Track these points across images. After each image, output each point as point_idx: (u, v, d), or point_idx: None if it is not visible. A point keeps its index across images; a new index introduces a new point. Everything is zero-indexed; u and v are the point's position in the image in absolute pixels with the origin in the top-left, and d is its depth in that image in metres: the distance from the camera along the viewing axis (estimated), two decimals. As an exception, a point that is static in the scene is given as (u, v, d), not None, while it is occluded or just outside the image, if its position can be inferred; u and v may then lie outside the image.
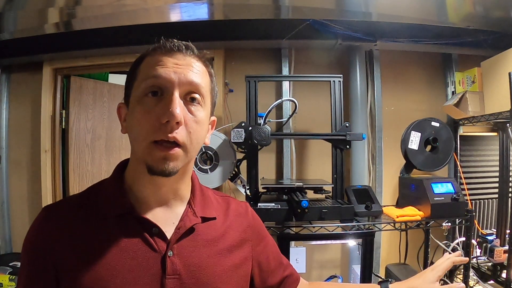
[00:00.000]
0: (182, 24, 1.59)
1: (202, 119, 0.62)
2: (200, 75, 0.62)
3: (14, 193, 2.00)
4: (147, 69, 0.61)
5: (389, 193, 1.88)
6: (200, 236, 0.66)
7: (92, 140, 2.28)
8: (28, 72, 1.99)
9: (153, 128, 0.57)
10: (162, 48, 0.61)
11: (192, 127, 0.60)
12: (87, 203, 0.62)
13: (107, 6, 1.39)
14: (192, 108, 0.61)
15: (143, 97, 0.59)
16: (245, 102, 1.37)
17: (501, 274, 1.53)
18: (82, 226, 0.59)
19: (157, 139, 0.57)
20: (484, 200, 1.88)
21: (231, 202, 0.77)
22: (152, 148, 0.57)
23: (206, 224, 0.68)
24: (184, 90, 0.60)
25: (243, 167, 1.40)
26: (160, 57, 0.60)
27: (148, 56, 0.62)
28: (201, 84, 0.62)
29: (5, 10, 1.38)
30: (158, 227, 0.61)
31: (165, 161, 0.57)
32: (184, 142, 0.59)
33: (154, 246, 0.60)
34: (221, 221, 0.71)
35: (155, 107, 0.58)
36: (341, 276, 1.60)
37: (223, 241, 0.69)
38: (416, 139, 1.45)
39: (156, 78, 0.58)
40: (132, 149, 0.63)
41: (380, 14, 1.57)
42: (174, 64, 0.60)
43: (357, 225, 1.21)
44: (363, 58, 1.86)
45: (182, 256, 0.62)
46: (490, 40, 1.70)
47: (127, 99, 0.64)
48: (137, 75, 0.62)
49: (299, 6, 1.50)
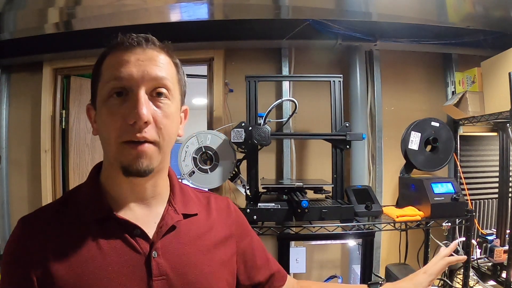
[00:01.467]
0: (182, 24, 1.59)
1: (171, 112, 0.60)
2: (165, 68, 0.60)
3: (14, 193, 2.00)
4: (109, 69, 0.59)
5: (389, 193, 1.88)
6: (183, 234, 0.64)
7: (92, 140, 2.28)
8: (28, 72, 1.99)
9: (121, 130, 0.56)
10: (121, 45, 0.59)
11: (162, 122, 0.58)
12: (65, 209, 0.60)
13: (107, 6, 1.39)
14: (160, 104, 0.59)
15: (108, 98, 0.57)
16: (245, 102, 1.37)
17: (501, 274, 1.53)
18: (61, 234, 0.57)
19: (126, 140, 0.56)
20: (484, 200, 1.88)
21: (212, 198, 0.76)
22: (123, 148, 0.56)
23: (188, 221, 0.66)
24: (149, 87, 0.58)
25: (243, 167, 1.40)
26: (120, 55, 0.58)
27: (108, 55, 0.60)
28: (166, 77, 0.59)
29: (5, 10, 1.38)
30: (140, 227, 0.59)
31: (138, 159, 0.56)
32: (155, 140, 0.57)
33: (137, 248, 0.58)
34: (204, 218, 0.70)
35: (121, 108, 0.56)
36: (341, 276, 1.60)
37: (208, 238, 0.68)
38: (416, 139, 1.45)
39: (118, 80, 0.57)
40: (104, 151, 0.61)
41: (380, 14, 1.57)
42: (135, 60, 0.57)
43: (357, 225, 1.21)
44: (363, 58, 1.86)
45: (167, 256, 0.60)
46: (490, 40, 1.70)
47: (93, 100, 0.62)
48: (99, 76, 0.60)
49: (299, 6, 1.50)
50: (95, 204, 0.59)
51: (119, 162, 0.57)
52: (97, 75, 0.61)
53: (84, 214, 0.59)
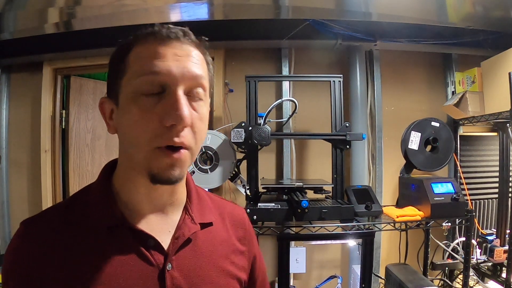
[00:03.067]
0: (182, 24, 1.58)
1: (205, 115, 0.55)
2: (201, 66, 0.54)
3: (14, 193, 2.00)
4: (141, 61, 0.51)
5: (389, 193, 1.88)
6: (199, 245, 0.60)
7: (92, 140, 2.28)
8: (28, 72, 1.99)
9: (156, 133, 0.49)
10: (156, 36, 0.52)
11: (197, 126, 0.53)
12: (73, 214, 0.54)
13: (107, 6, 1.39)
14: (195, 105, 0.53)
15: (139, 95, 0.50)
16: (245, 102, 1.37)
17: (501, 274, 1.53)
18: (69, 242, 0.51)
19: (162, 145, 0.50)
20: (484, 200, 1.88)
21: (227, 206, 0.70)
22: (156, 154, 0.50)
23: (205, 231, 0.62)
24: (188, 86, 0.52)
25: (243, 167, 1.40)
26: (155, 47, 0.51)
27: (138, 45, 0.53)
28: (204, 76, 0.54)
29: (5, 10, 1.38)
30: (154, 238, 0.54)
31: (172, 167, 0.51)
32: (191, 145, 0.52)
33: (151, 260, 0.53)
34: (220, 227, 0.65)
35: (156, 108, 0.50)
36: (341, 276, 1.60)
37: (222, 250, 0.63)
38: (416, 139, 1.45)
39: (155, 75, 0.50)
40: (125, 153, 0.55)
41: (380, 14, 1.57)
42: (173, 55, 0.51)
43: (357, 225, 1.21)
44: (363, 58, 1.86)
45: (182, 269, 0.55)
46: (490, 40, 1.70)
47: (114, 93, 0.54)
48: (126, 67, 0.52)
49: (299, 6, 1.50)
50: (106, 210, 0.54)
51: (148, 169, 0.51)
52: (121, 66, 0.53)
53: (94, 220, 0.53)
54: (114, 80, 0.54)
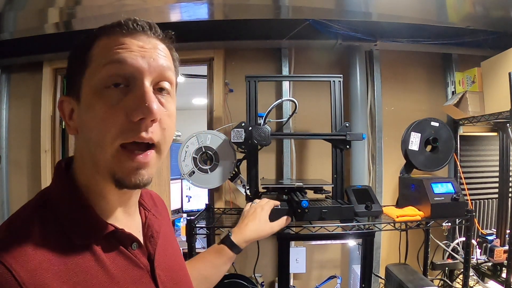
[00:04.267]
0: (182, 24, 1.59)
1: (173, 112, 0.52)
2: (168, 60, 0.52)
3: (14, 193, 2.00)
4: (103, 52, 0.48)
5: (389, 193, 1.88)
6: (162, 239, 0.60)
7: (92, 140, 2.28)
8: (28, 72, 1.99)
9: (122, 128, 0.46)
10: (122, 28, 0.49)
11: (166, 123, 0.50)
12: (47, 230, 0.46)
13: (107, 6, 1.39)
14: (163, 100, 0.50)
15: (102, 89, 0.47)
16: (245, 102, 1.37)
17: (501, 274, 1.53)
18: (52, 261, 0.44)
19: (128, 140, 0.46)
20: (484, 200, 1.88)
21: (149, 191, 0.70)
22: (121, 156, 0.46)
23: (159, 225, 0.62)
24: (155, 78, 0.49)
25: (243, 167, 1.40)
26: (121, 39, 0.48)
27: (103, 37, 0.49)
28: (171, 69, 0.52)
29: (5, 10, 1.38)
30: (138, 240, 0.53)
31: (137, 171, 0.47)
32: (159, 142, 0.49)
33: (140, 264, 0.52)
34: (161, 217, 0.65)
35: (122, 102, 0.46)
36: (341, 276, 1.60)
37: (171, 235, 0.67)
38: (416, 139, 1.45)
39: (120, 64, 0.46)
40: (85, 155, 0.50)
41: (380, 14, 1.57)
42: (139, 47, 0.48)
43: (357, 225, 1.21)
44: (363, 58, 1.86)
45: (161, 267, 0.56)
46: (490, 40, 1.70)
47: (74, 91, 0.50)
48: (89, 60, 0.49)
49: (299, 6, 1.50)
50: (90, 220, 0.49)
51: (112, 173, 0.47)
52: (84, 59, 0.49)
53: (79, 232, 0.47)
54: (75, 76, 0.50)
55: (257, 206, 1.02)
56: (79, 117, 0.50)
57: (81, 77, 0.49)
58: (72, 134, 0.51)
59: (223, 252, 0.88)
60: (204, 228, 1.24)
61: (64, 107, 0.52)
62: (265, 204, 1.03)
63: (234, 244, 0.89)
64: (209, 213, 1.54)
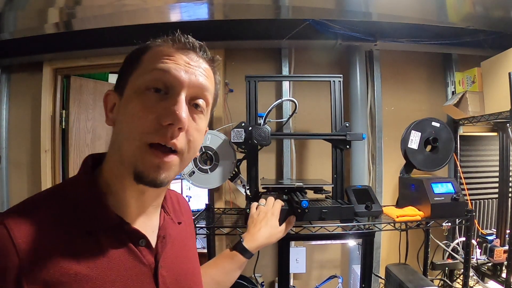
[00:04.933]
0: (182, 24, 1.59)
1: (202, 128, 0.57)
2: (209, 80, 0.56)
3: (14, 193, 2.00)
4: (153, 59, 0.53)
5: (389, 193, 1.88)
6: (176, 243, 0.62)
7: (92, 140, 2.28)
8: (28, 72, 1.99)
9: (151, 128, 0.50)
10: (175, 42, 0.54)
11: (193, 135, 0.54)
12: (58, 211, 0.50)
13: (107, 6, 1.39)
14: (195, 115, 0.55)
15: (144, 90, 0.52)
16: (245, 102, 1.37)
17: (501, 274, 1.53)
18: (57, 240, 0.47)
19: (153, 141, 0.50)
20: (484, 200, 1.88)
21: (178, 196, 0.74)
22: (146, 151, 0.50)
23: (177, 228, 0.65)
24: (191, 93, 0.53)
25: (243, 167, 1.40)
26: (171, 51, 0.53)
27: (155, 47, 0.55)
28: (209, 89, 0.56)
29: (5, 10, 1.38)
30: (146, 238, 0.55)
31: (158, 169, 0.51)
32: (182, 149, 0.53)
33: (143, 260, 0.54)
34: (183, 223, 0.68)
35: (157, 105, 0.51)
36: (341, 276, 1.60)
37: (189, 245, 0.68)
38: (416, 138, 1.45)
39: (163, 72, 0.51)
40: (115, 146, 0.54)
41: (380, 14, 1.57)
42: (185, 62, 0.53)
43: (357, 225, 1.21)
44: (363, 58, 1.86)
45: (167, 268, 0.57)
46: (490, 40, 1.70)
47: (120, 88, 0.55)
48: (139, 64, 0.54)
49: (299, 6, 1.49)
50: (101, 210, 0.52)
51: (134, 166, 0.50)
52: (135, 63, 0.55)
53: (89, 220, 0.51)
54: (124, 74, 0.56)
55: (267, 210, 1.00)
56: (117, 111, 0.55)
57: (128, 76, 0.54)
58: (108, 124, 0.56)
59: (235, 258, 0.88)
60: (204, 228, 1.24)
61: (108, 100, 0.57)
62: (275, 209, 1.01)
63: (246, 250, 0.90)
64: (209, 213, 1.54)
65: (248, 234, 0.94)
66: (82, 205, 0.52)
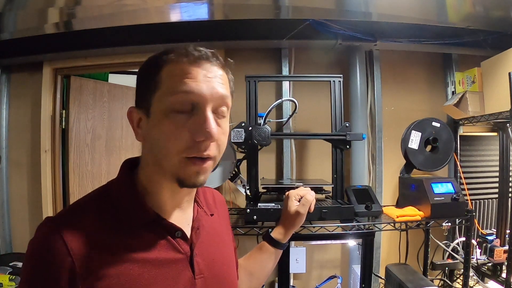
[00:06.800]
0: (182, 24, 1.59)
1: (227, 130, 0.63)
2: (226, 86, 0.61)
3: (14, 193, 2.00)
4: (173, 80, 0.56)
5: (389, 193, 1.88)
6: (210, 232, 0.70)
7: (92, 140, 2.28)
8: (28, 72, 1.99)
9: (187, 145, 0.56)
10: (188, 56, 0.57)
11: (221, 140, 0.60)
12: (105, 213, 0.58)
13: (107, 6, 1.39)
14: (220, 122, 0.61)
15: (172, 112, 0.56)
16: (245, 102, 1.37)
17: (501, 274, 1.53)
18: (105, 240, 0.55)
19: (191, 155, 0.57)
20: (484, 200, 1.88)
21: (214, 194, 0.81)
22: (185, 163, 0.57)
23: (210, 220, 0.72)
24: (215, 105, 0.59)
25: (243, 167, 1.40)
26: (187, 67, 0.57)
27: (171, 64, 0.58)
28: (228, 96, 0.61)
29: (5, 10, 1.38)
30: (182, 230, 0.62)
31: (197, 175, 0.58)
32: (215, 156, 0.60)
33: (180, 250, 0.61)
34: (217, 216, 0.76)
35: (187, 124, 0.56)
36: (341, 276, 1.60)
37: (222, 234, 0.75)
38: (417, 138, 1.45)
39: (187, 94, 0.56)
40: (152, 159, 0.60)
41: (380, 14, 1.57)
42: (203, 76, 0.57)
43: (357, 225, 1.21)
44: (363, 58, 1.86)
45: (202, 255, 0.64)
46: (490, 40, 1.70)
47: (144, 106, 0.60)
48: (158, 84, 0.57)
49: (299, 6, 1.50)
50: (140, 208, 0.60)
51: (176, 175, 0.58)
52: (154, 82, 0.58)
53: (129, 218, 0.58)
54: (145, 93, 0.59)
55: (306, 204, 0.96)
56: (147, 129, 0.60)
57: (150, 96, 0.58)
58: (138, 140, 0.62)
59: (263, 248, 0.92)
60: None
61: (133, 117, 0.62)
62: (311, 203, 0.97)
63: (272, 238, 0.92)
64: (209, 213, 1.54)
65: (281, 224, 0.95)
66: (124, 205, 0.59)
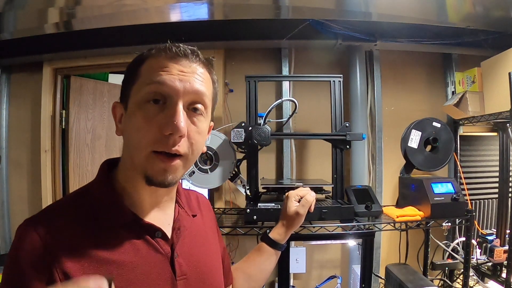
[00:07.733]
0: (182, 24, 1.59)
1: (203, 129, 0.61)
2: (205, 84, 0.60)
3: (14, 193, 2.00)
4: (150, 73, 0.57)
5: (389, 193, 1.88)
6: (191, 234, 0.68)
7: (92, 140, 2.28)
8: (28, 72, 1.99)
9: (154, 138, 0.55)
10: (167, 52, 0.57)
11: (194, 138, 0.58)
12: (81, 214, 0.57)
13: (107, 6, 1.39)
14: (195, 119, 0.59)
15: (144, 103, 0.56)
16: (245, 102, 1.37)
17: (501, 274, 1.53)
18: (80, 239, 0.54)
19: (158, 150, 0.55)
20: (484, 200, 1.88)
21: (197, 196, 0.80)
22: (152, 158, 0.56)
23: (192, 221, 0.70)
24: (188, 100, 0.57)
25: (243, 167, 1.40)
26: (165, 62, 0.57)
27: (150, 58, 0.59)
28: (205, 94, 0.59)
29: (5, 10, 1.38)
30: (161, 230, 0.61)
31: (165, 173, 0.56)
32: (186, 153, 0.58)
33: (160, 250, 0.60)
34: (199, 217, 0.74)
35: (157, 116, 0.55)
36: (341, 276, 1.60)
37: (206, 236, 0.73)
38: (416, 137, 1.45)
39: (159, 85, 0.55)
40: (127, 154, 0.60)
41: (380, 14, 1.57)
42: (179, 71, 0.57)
43: (357, 225, 1.21)
44: (363, 58, 1.86)
45: (184, 256, 0.63)
46: (490, 40, 1.70)
47: (124, 100, 0.60)
48: (137, 77, 0.58)
49: (299, 6, 1.49)
50: (117, 208, 0.58)
51: (144, 171, 0.56)
52: (133, 75, 0.59)
53: (105, 218, 0.57)
54: (127, 87, 0.60)
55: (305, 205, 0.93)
56: (124, 123, 0.60)
57: (129, 89, 0.59)
58: (118, 135, 0.62)
59: (262, 249, 0.89)
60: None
61: (116, 112, 0.62)
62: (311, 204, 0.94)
63: (270, 239, 0.89)
64: (209, 213, 1.54)
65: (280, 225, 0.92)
66: (101, 205, 0.58)
